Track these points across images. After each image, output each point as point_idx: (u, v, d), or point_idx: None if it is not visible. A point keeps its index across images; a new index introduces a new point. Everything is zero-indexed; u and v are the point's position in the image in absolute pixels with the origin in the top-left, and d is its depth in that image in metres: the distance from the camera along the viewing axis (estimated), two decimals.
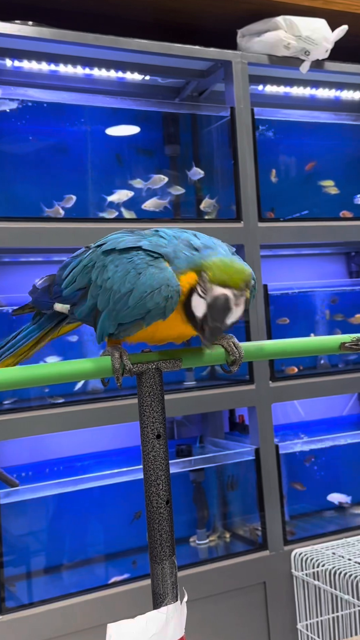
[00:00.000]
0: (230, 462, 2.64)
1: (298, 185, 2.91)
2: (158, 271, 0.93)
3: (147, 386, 0.93)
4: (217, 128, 2.67)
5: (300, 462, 2.83)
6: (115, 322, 0.96)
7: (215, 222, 2.58)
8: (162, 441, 0.93)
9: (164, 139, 2.68)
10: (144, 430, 0.93)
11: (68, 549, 2.45)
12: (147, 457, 0.93)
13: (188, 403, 2.47)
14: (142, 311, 0.93)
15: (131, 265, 0.95)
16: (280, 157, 2.86)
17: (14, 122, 2.35)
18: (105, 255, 0.99)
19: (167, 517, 0.92)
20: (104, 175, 2.51)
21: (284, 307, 2.81)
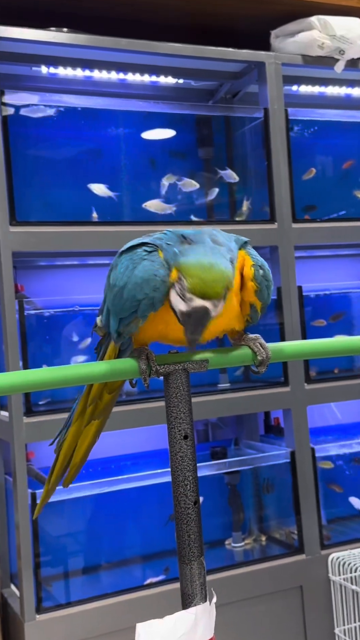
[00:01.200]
0: (265, 465, 2.62)
1: (334, 186, 2.88)
2: (149, 263, 0.94)
3: (173, 387, 0.94)
4: (251, 129, 2.66)
5: (337, 465, 2.79)
6: (117, 317, 0.97)
7: (249, 224, 2.58)
8: (189, 442, 0.93)
9: (198, 142, 2.69)
10: (171, 431, 0.93)
11: (104, 550, 2.47)
12: (174, 458, 0.93)
13: (222, 405, 2.46)
14: (134, 303, 0.93)
15: (130, 261, 0.96)
16: (315, 158, 2.83)
17: (50, 128, 2.38)
18: (119, 256, 1.01)
19: (195, 517, 0.92)
20: (138, 179, 2.53)
21: (319, 309, 2.78)
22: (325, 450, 2.66)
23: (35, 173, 2.35)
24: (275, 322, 2.59)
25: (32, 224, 2.21)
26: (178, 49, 2.45)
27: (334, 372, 2.79)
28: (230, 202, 2.70)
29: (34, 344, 2.28)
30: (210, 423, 2.93)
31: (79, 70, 2.47)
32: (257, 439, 2.88)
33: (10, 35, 2.20)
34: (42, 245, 2.21)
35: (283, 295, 2.55)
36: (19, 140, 2.29)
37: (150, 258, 0.94)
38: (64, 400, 2.37)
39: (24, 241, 2.18)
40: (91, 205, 2.40)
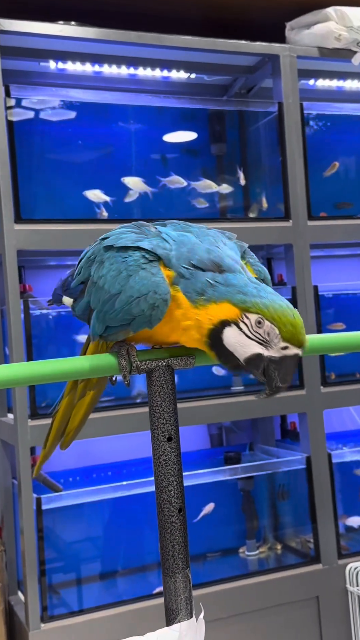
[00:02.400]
0: (280, 471, 2.54)
1: (352, 183, 2.79)
2: (149, 275, 0.87)
3: (157, 385, 0.87)
4: (265, 125, 2.59)
5: (354, 470, 2.70)
6: (104, 323, 0.91)
7: (263, 222, 2.50)
8: (173, 444, 0.86)
9: (210, 138, 2.62)
10: (154, 432, 0.87)
11: (112, 558, 2.41)
12: (157, 462, 0.86)
13: (235, 408, 2.40)
14: (128, 317, 0.88)
15: (124, 265, 0.89)
16: (332, 153, 2.75)
17: (57, 125, 2.34)
18: (105, 250, 0.94)
19: (180, 526, 0.85)
20: (149, 175, 2.47)
21: (336, 310, 2.69)
22: (343, 456, 2.57)
23: (41, 170, 2.30)
24: None
25: (37, 222, 2.17)
26: (189, 41, 2.39)
27: (355, 375, 2.70)
28: (244, 200, 2.63)
29: (39, 343, 2.23)
30: (224, 427, 2.86)
31: (88, 65, 2.42)
32: (273, 444, 2.80)
33: (16, 29, 2.16)
34: (46, 244, 2.16)
35: (298, 296, 2.47)
36: (25, 137, 2.25)
37: (150, 269, 0.88)
38: None
39: (29, 239, 2.13)
40: (99, 203, 2.35)
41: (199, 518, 2.43)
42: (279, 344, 0.86)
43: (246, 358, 0.87)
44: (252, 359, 0.87)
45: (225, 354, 0.88)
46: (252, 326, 0.86)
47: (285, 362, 0.86)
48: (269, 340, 0.86)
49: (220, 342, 0.87)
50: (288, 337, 0.86)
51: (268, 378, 0.87)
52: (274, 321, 0.86)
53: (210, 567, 2.48)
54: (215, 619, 2.27)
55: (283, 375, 0.86)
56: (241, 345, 0.87)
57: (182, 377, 2.51)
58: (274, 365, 0.86)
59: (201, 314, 0.88)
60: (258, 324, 0.86)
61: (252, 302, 0.87)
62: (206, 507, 2.44)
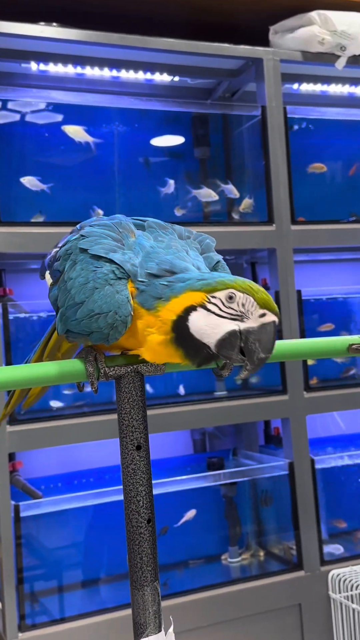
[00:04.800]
0: (263, 477, 2.52)
1: (336, 187, 2.78)
2: (113, 293, 0.85)
3: (125, 392, 0.85)
4: (249, 128, 2.58)
5: (339, 477, 2.69)
6: (64, 327, 0.89)
7: (246, 226, 2.49)
8: (142, 453, 0.84)
9: (194, 141, 2.61)
10: (123, 440, 0.84)
11: (92, 565, 2.37)
12: (126, 471, 0.84)
13: (218, 414, 2.38)
14: (87, 329, 0.86)
15: (93, 275, 0.87)
16: (316, 157, 2.74)
17: (41, 126, 2.31)
18: (80, 251, 0.91)
19: (149, 537, 0.83)
20: (131, 179, 2.45)
21: (319, 314, 2.68)
22: (326, 462, 2.55)
23: (22, 172, 2.28)
24: None
25: (17, 225, 2.14)
26: (172, 44, 2.37)
27: (339, 378, 2.70)
28: (227, 204, 2.61)
29: (19, 348, 2.20)
30: (207, 433, 2.84)
31: (70, 66, 2.40)
32: (256, 450, 2.79)
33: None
34: (28, 247, 2.13)
35: (281, 300, 2.45)
36: (5, 139, 2.22)
37: (117, 287, 0.86)
38: (49, 409, 2.29)
39: (9, 242, 2.10)
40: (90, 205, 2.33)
41: (179, 524, 2.40)
42: (257, 312, 0.84)
43: (219, 339, 0.84)
44: (226, 339, 0.84)
45: (193, 344, 0.84)
46: (223, 303, 0.84)
47: (265, 329, 0.84)
48: (245, 311, 0.84)
49: (186, 332, 0.84)
50: (264, 303, 0.84)
51: (248, 352, 0.84)
52: (246, 291, 0.84)
53: (192, 574, 2.45)
54: (197, 627, 2.24)
55: (264, 344, 0.84)
56: (212, 327, 0.84)
57: (165, 382, 2.48)
58: (253, 336, 0.84)
59: (162, 313, 0.85)
60: (229, 298, 0.84)
61: (216, 281, 0.85)
62: (188, 513, 2.42)
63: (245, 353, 0.84)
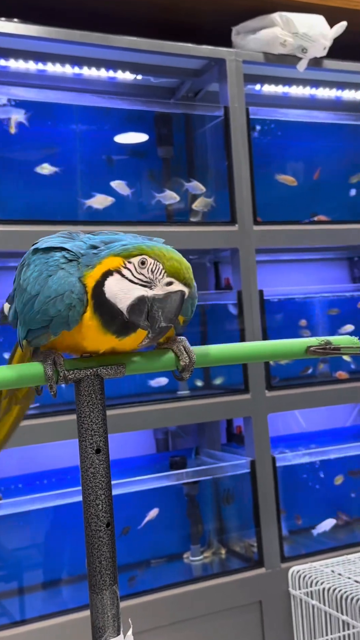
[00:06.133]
0: (225, 475, 2.54)
1: (301, 187, 2.81)
2: (66, 275, 0.85)
3: (85, 395, 0.84)
4: (211, 129, 2.58)
5: (299, 475, 2.72)
6: (26, 327, 0.88)
7: (209, 226, 2.49)
8: (102, 456, 0.83)
9: (157, 140, 2.60)
10: (82, 444, 0.84)
11: (56, 566, 2.36)
12: (85, 475, 0.83)
13: (181, 413, 2.38)
14: (46, 318, 0.85)
15: (45, 266, 0.87)
16: (278, 158, 2.77)
17: (0, 122, 2.28)
18: (32, 254, 0.92)
19: (108, 541, 0.82)
20: (94, 177, 2.43)
21: (282, 314, 2.71)
22: (287, 460, 2.58)
23: None
24: (235, 328, 2.51)
25: None
26: (135, 42, 2.36)
27: (299, 377, 2.73)
28: (189, 204, 2.62)
29: None
30: (170, 432, 2.84)
31: (32, 63, 2.37)
32: (219, 448, 2.80)
33: None
34: None
35: (244, 300, 2.47)
36: None
37: (69, 269, 0.86)
38: None
39: None
40: (47, 203, 2.31)
41: (142, 524, 2.40)
42: (163, 280, 0.84)
43: (129, 305, 0.84)
44: (135, 305, 0.84)
45: (109, 310, 0.84)
46: (136, 268, 0.84)
47: (169, 299, 0.84)
48: (154, 278, 0.84)
49: (103, 297, 0.84)
50: (172, 271, 0.84)
51: (151, 319, 0.84)
52: (157, 257, 0.84)
53: (154, 573, 2.45)
54: (159, 626, 2.25)
55: (167, 314, 0.84)
56: (124, 292, 0.84)
57: (127, 382, 2.48)
58: (157, 304, 0.84)
59: (87, 281, 0.85)
60: (142, 264, 0.84)
61: (134, 247, 0.85)
62: (150, 513, 2.42)
63: (149, 320, 0.84)
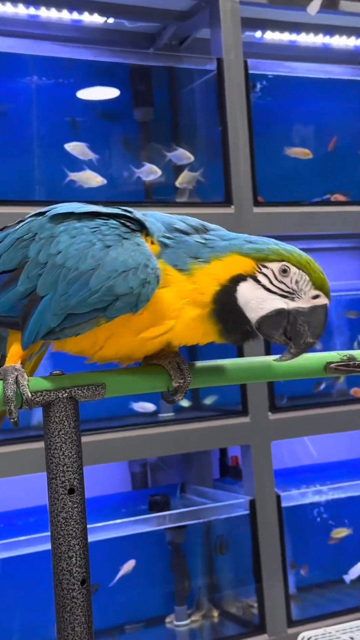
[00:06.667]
0: (218, 518, 2.57)
1: (309, 160, 2.85)
2: (134, 246, 0.89)
3: (55, 422, 0.86)
4: (201, 86, 2.62)
5: (310, 517, 2.75)
6: (64, 311, 0.89)
7: (198, 207, 2.53)
8: (76, 497, 0.85)
9: (133, 101, 2.63)
10: (52, 482, 0.86)
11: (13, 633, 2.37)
12: (55, 520, 0.85)
13: (164, 440, 2.41)
14: (108, 297, 0.87)
15: (97, 236, 0.90)
16: (283, 123, 2.81)
17: None
18: (56, 222, 0.93)
19: (83, 602, 0.85)
20: (54, 146, 2.45)
21: None
22: (294, 499, 2.62)
23: None
24: None
25: None
26: None
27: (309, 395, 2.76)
28: (174, 179, 2.65)
29: None
30: (149, 464, 2.86)
31: None
32: (210, 484, 2.83)
33: None
34: None
35: None
36: None
37: (134, 239, 0.90)
38: None
39: None
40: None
41: (115, 580, 2.42)
42: (310, 293, 0.92)
43: (264, 316, 0.91)
44: (272, 317, 0.91)
45: (236, 319, 0.91)
46: (276, 276, 0.91)
47: (316, 313, 0.92)
48: (297, 290, 0.91)
49: (232, 304, 0.90)
50: (319, 284, 0.92)
51: (295, 334, 0.91)
52: (302, 267, 0.92)
53: None
54: None
55: (314, 329, 0.92)
56: (258, 302, 0.91)
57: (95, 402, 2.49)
58: (302, 318, 0.91)
59: (200, 279, 0.90)
60: (283, 272, 0.91)
61: (270, 249, 0.92)
62: (125, 566, 2.44)
63: (292, 335, 0.92)
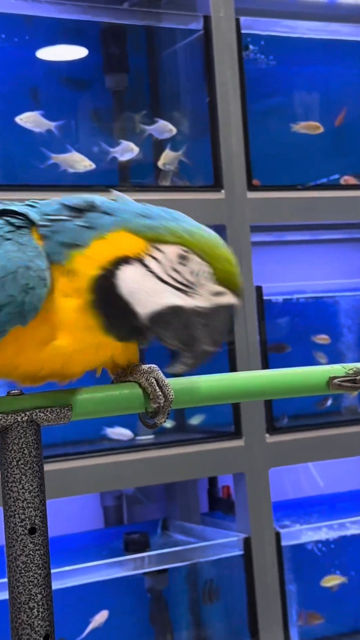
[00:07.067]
0: (206, 560, 2.58)
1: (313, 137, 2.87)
2: (15, 245, 0.88)
3: (14, 450, 0.87)
4: (185, 48, 2.63)
5: (316, 557, 2.77)
6: None
7: (183, 192, 2.55)
8: (38, 538, 0.86)
9: (105, 65, 2.64)
10: (9, 520, 0.86)
11: None
12: (14, 565, 0.86)
13: (142, 468, 2.42)
14: None
15: None
16: (283, 92, 2.83)
17: None
18: None
19: None
20: (9, 116, 2.46)
21: (289, 320, 2.76)
22: (296, 536, 2.64)
23: None
24: None
25: None
26: None
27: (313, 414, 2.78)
28: (154, 160, 2.66)
29: None
30: (125, 496, 2.87)
31: None
32: (197, 520, 2.84)
33: None
34: None
35: None
36: None
37: (17, 239, 0.89)
38: None
39: None
40: None
41: (85, 634, 2.43)
42: (212, 288, 0.87)
43: (154, 312, 0.87)
44: (163, 315, 0.88)
45: (120, 310, 0.88)
46: (170, 262, 0.88)
47: (218, 314, 0.88)
48: (196, 283, 0.87)
49: (113, 293, 0.87)
50: (224, 277, 0.88)
51: (190, 339, 0.88)
52: (204, 254, 0.88)
53: None
54: None
55: (214, 334, 0.88)
56: (148, 293, 0.87)
57: None
58: (201, 320, 0.87)
59: (79, 267, 0.88)
60: (181, 259, 0.87)
61: (166, 228, 0.88)
62: (96, 617, 2.44)
63: (186, 339, 0.88)
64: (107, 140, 2.57)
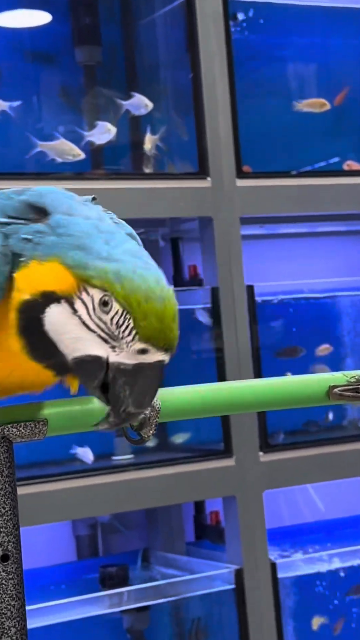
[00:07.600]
0: (193, 595, 2.59)
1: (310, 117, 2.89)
2: None
3: None
4: (165, 18, 2.65)
5: (316, 591, 2.78)
6: None
7: (165, 180, 2.56)
8: (11, 566, 0.89)
9: (75, 37, 2.66)
10: None
11: None
12: None
13: (120, 492, 2.43)
14: None
15: None
16: (276, 68, 2.85)
17: None
18: None
19: None
20: None
21: (284, 323, 2.78)
22: (294, 567, 2.65)
23: None
24: (208, 349, 2.58)
25: None
26: None
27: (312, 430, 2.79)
28: (132, 143, 2.68)
29: None
30: (100, 524, 2.88)
31: None
32: (182, 550, 2.85)
33: None
34: None
35: (222, 301, 2.53)
36: None
37: None
38: None
39: None
40: None
41: None
42: (134, 345, 0.87)
43: (77, 358, 0.88)
44: (87, 363, 0.88)
45: (45, 344, 0.89)
46: (94, 307, 0.88)
47: (142, 374, 0.88)
48: (118, 335, 0.87)
49: (38, 327, 0.88)
50: (149, 334, 0.87)
51: (113, 397, 0.88)
52: (128, 305, 0.87)
53: None
54: None
55: (137, 395, 0.88)
56: (72, 339, 0.88)
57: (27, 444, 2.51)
58: (123, 378, 0.87)
59: (19, 281, 0.89)
60: (103, 305, 0.87)
61: (95, 267, 0.88)
62: None
63: (110, 397, 0.88)
64: (77, 121, 2.58)
